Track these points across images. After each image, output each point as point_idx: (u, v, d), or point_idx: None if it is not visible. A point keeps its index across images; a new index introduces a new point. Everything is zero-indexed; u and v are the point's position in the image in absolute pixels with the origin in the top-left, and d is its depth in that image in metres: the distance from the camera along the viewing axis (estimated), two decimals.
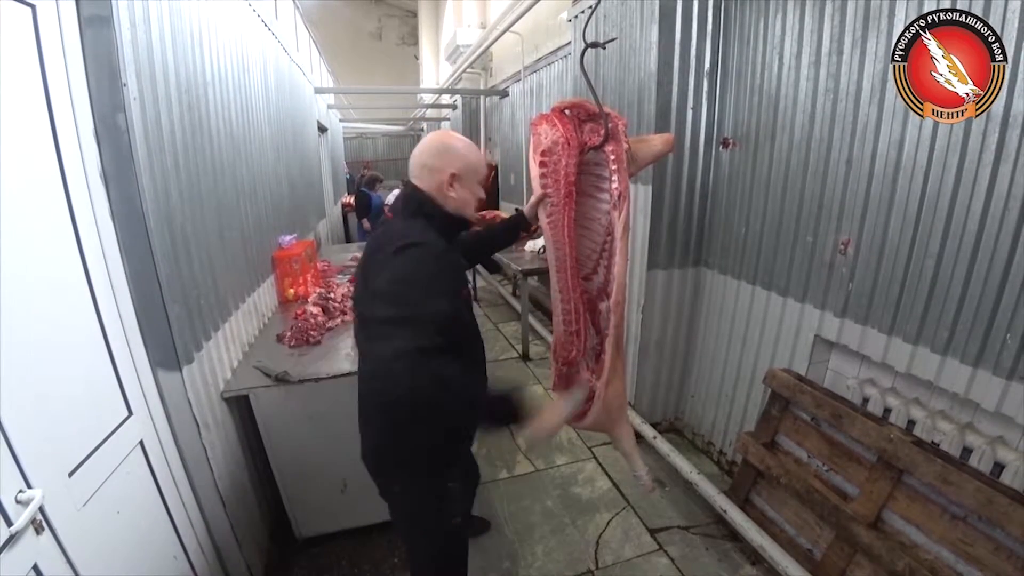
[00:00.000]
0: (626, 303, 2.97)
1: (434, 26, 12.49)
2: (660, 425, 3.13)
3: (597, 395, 1.45)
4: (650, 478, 1.56)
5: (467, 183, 1.40)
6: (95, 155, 1.38)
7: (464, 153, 1.40)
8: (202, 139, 1.93)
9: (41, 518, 1.11)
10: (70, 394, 1.26)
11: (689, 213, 2.78)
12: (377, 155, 15.85)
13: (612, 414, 1.50)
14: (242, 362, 2.19)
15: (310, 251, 3.39)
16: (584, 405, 1.49)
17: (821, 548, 1.98)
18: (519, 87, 6.14)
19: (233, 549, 1.94)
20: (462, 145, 1.42)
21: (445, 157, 1.37)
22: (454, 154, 1.38)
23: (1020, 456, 1.55)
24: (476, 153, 1.44)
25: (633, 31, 2.65)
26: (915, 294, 1.76)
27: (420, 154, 1.39)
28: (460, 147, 1.40)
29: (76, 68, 1.33)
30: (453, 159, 1.37)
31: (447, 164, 1.36)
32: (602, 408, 1.45)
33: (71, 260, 1.31)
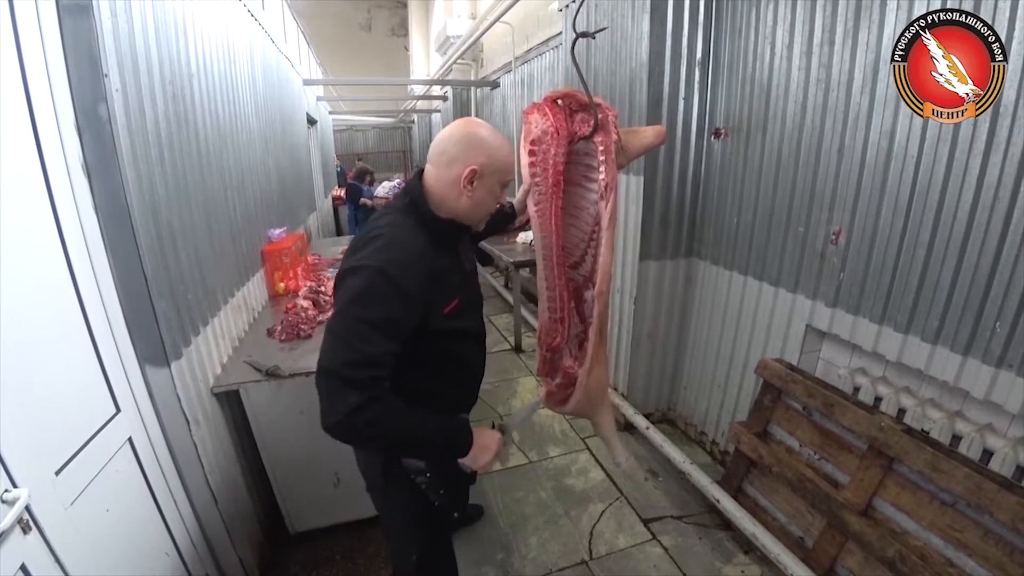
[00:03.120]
0: (610, 292, 3.00)
1: (424, 17, 12.37)
2: (653, 416, 3.15)
3: (579, 382, 1.45)
4: (630, 463, 1.56)
5: (488, 182, 1.25)
6: (76, 147, 1.35)
7: (492, 148, 1.23)
8: (188, 131, 1.90)
9: (28, 517, 1.09)
10: (55, 392, 1.24)
11: (681, 203, 2.77)
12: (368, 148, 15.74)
13: (593, 401, 1.51)
14: (232, 357, 2.17)
15: (300, 244, 3.36)
16: (566, 391, 1.51)
17: (813, 536, 2.00)
18: (510, 78, 6.10)
19: (226, 545, 1.93)
20: (492, 139, 1.25)
21: (469, 148, 1.22)
22: (480, 147, 1.22)
23: (1008, 443, 1.57)
24: (506, 151, 1.27)
25: (625, 21, 2.63)
26: (906, 283, 1.77)
27: (443, 140, 1.24)
28: (489, 140, 1.24)
29: (56, 58, 1.29)
30: (477, 152, 1.21)
31: (470, 156, 1.21)
32: (584, 394, 1.46)
33: (54, 254, 1.28)
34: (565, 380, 1.54)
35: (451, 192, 1.24)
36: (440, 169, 1.24)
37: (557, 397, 1.56)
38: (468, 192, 1.23)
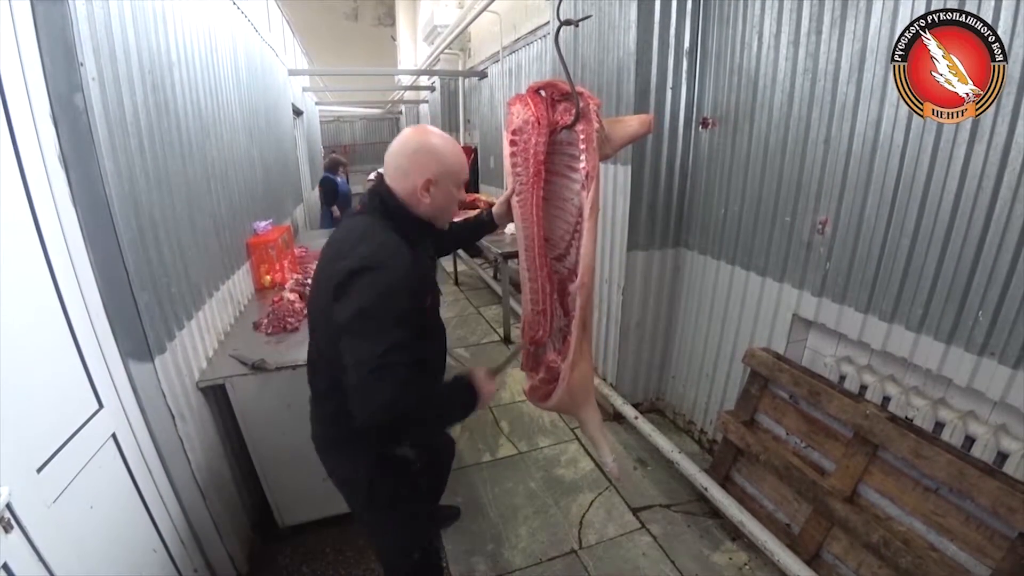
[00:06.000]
0: (598, 283, 2.99)
1: (411, 6, 12.21)
2: (641, 405, 3.16)
3: (562, 376, 1.43)
4: (616, 465, 1.54)
5: (443, 187, 1.30)
6: (52, 138, 1.32)
7: (442, 156, 1.29)
8: (169, 121, 1.86)
9: (9, 516, 1.07)
10: (34, 388, 1.22)
11: (669, 193, 2.77)
12: (355, 139, 15.59)
13: (576, 397, 1.49)
14: (218, 351, 2.14)
15: (286, 237, 3.32)
16: (549, 386, 1.50)
17: (799, 522, 2.02)
18: (498, 68, 6.06)
19: (214, 540, 1.92)
20: (441, 146, 1.30)
21: (420, 160, 1.27)
22: (431, 157, 1.27)
23: (990, 430, 1.60)
24: (456, 154, 1.33)
25: (612, 10, 2.61)
26: (891, 273, 1.79)
27: (395, 153, 1.29)
28: (438, 148, 1.29)
29: (29, 45, 1.26)
30: (429, 163, 1.27)
31: (422, 168, 1.26)
32: (566, 390, 1.43)
33: (31, 248, 1.25)
34: (548, 375, 1.52)
35: (411, 200, 1.29)
36: (397, 182, 1.29)
37: (540, 392, 1.54)
38: (427, 199, 1.29)
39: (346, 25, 15.22)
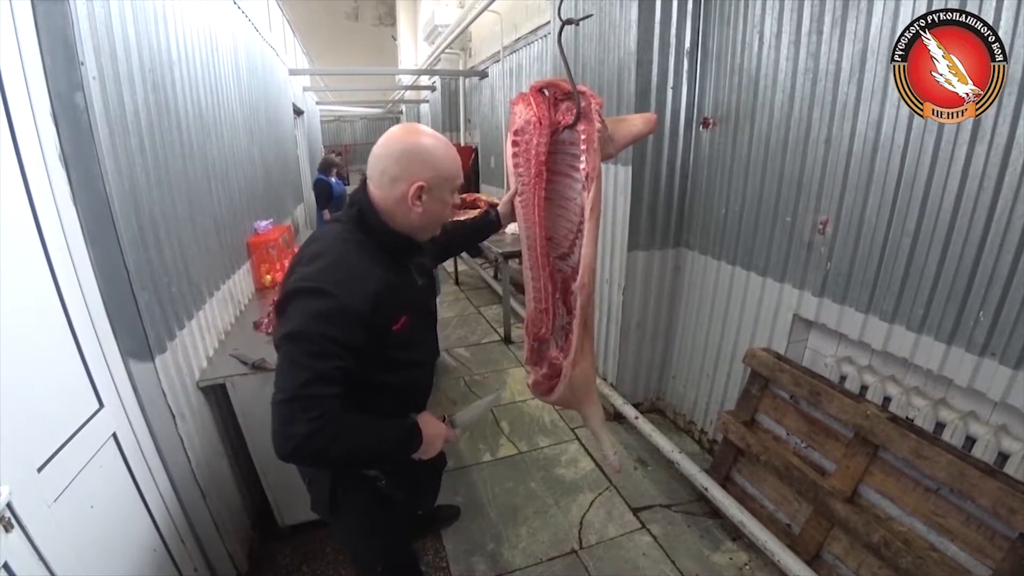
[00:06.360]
0: (598, 283, 2.99)
1: (412, 6, 12.22)
2: (642, 405, 3.16)
3: (564, 373, 1.45)
4: (618, 459, 1.55)
5: (438, 193, 1.17)
6: (53, 137, 1.32)
7: (437, 159, 1.15)
8: (169, 120, 1.86)
9: (9, 515, 1.07)
10: (35, 387, 1.22)
11: (669, 193, 2.77)
12: (356, 138, 15.60)
13: (578, 393, 1.50)
14: (218, 350, 2.14)
15: (287, 236, 3.32)
16: (552, 381, 1.51)
17: (799, 523, 2.02)
18: (499, 68, 6.06)
19: (214, 539, 1.92)
20: (434, 147, 1.16)
21: (413, 163, 1.13)
22: (425, 160, 1.14)
23: (990, 430, 1.59)
24: (452, 157, 1.19)
25: (613, 9, 2.61)
26: (891, 273, 1.79)
27: (381, 157, 1.15)
28: (431, 151, 1.15)
29: (29, 44, 1.25)
30: (422, 166, 1.13)
31: (415, 172, 1.13)
32: (568, 386, 1.45)
33: (31, 247, 1.25)
34: (551, 370, 1.54)
35: (399, 209, 1.16)
36: (383, 189, 1.15)
37: (543, 387, 1.56)
38: (418, 207, 1.15)
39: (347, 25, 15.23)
